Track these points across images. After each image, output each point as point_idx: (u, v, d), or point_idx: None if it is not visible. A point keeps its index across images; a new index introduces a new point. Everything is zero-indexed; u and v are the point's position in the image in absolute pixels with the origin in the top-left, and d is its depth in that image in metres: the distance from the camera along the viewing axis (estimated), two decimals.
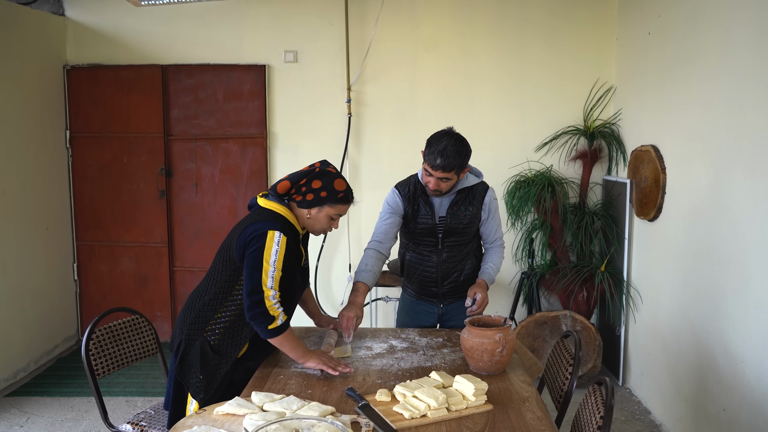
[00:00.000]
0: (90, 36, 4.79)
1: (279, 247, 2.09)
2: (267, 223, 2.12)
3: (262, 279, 2.09)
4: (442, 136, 2.50)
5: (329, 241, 4.81)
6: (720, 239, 2.99)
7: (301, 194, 2.21)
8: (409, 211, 2.64)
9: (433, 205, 2.63)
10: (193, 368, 2.20)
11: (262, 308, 2.09)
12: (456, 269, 2.72)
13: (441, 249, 2.67)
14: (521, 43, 4.59)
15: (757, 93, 2.68)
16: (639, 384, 4.01)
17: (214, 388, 2.20)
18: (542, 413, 1.89)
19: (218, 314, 2.20)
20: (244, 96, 4.76)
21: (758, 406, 2.65)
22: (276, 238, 2.10)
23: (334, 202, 2.22)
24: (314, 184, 2.21)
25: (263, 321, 2.10)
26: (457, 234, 2.66)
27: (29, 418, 3.72)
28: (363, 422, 1.77)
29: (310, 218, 2.24)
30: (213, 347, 2.19)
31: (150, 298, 4.97)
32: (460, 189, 2.62)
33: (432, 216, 2.62)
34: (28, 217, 4.40)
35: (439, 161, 2.44)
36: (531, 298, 4.42)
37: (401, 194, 2.66)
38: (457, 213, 2.62)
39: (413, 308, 2.84)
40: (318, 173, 2.23)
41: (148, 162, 4.85)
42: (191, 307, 2.26)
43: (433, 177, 2.49)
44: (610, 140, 4.42)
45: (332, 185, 2.22)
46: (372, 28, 4.62)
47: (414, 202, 2.63)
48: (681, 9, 3.44)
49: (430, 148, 2.48)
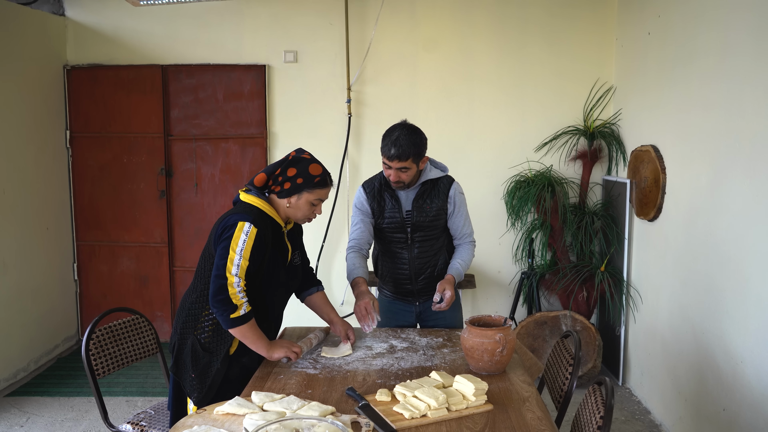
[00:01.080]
0: (90, 36, 4.79)
1: (247, 237, 2.10)
2: (239, 215, 2.13)
3: (227, 266, 2.09)
4: (395, 127, 2.57)
5: (329, 241, 4.81)
6: (720, 239, 2.99)
7: (278, 184, 2.22)
8: (375, 206, 2.69)
9: (399, 198, 2.67)
10: (186, 367, 2.21)
11: (225, 294, 2.09)
12: (429, 264, 2.74)
13: (411, 244, 2.70)
14: (521, 43, 4.59)
15: (757, 93, 2.68)
16: (639, 384, 4.01)
17: (207, 386, 2.20)
18: (542, 413, 1.89)
19: (206, 311, 2.21)
20: (244, 96, 4.76)
21: (758, 406, 2.65)
22: (245, 229, 2.10)
23: (312, 186, 2.23)
24: (289, 172, 2.22)
25: (225, 309, 2.09)
26: (425, 228, 2.68)
27: (29, 418, 3.72)
28: (363, 422, 1.77)
29: (290, 207, 2.24)
30: (203, 345, 2.20)
31: (150, 298, 4.97)
32: (423, 182, 2.66)
33: (399, 209, 2.66)
34: (28, 217, 4.40)
35: (393, 151, 2.50)
36: (531, 298, 4.42)
37: (366, 191, 2.72)
38: (423, 206, 2.65)
39: (390, 308, 2.86)
40: (291, 160, 2.24)
41: (148, 162, 4.85)
42: (183, 306, 2.28)
43: (392, 169, 2.56)
44: (610, 140, 4.42)
45: (307, 170, 2.23)
46: (372, 28, 4.62)
47: (380, 197, 2.68)
48: (681, 9, 3.44)
49: (384, 141, 2.56)
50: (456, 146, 4.65)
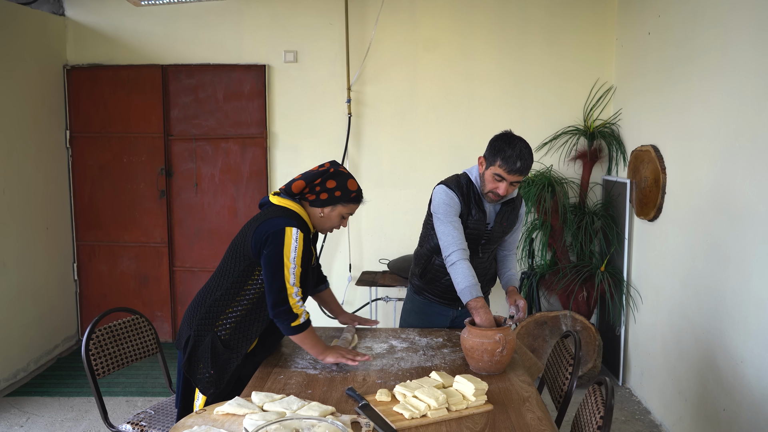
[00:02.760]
0: (90, 36, 4.79)
1: (297, 244, 2.13)
2: (283, 219, 2.15)
3: (285, 276, 2.12)
4: (513, 138, 2.40)
5: (329, 241, 4.81)
6: (720, 239, 2.99)
7: (314, 193, 2.26)
8: (464, 212, 2.52)
9: (485, 211, 2.55)
10: (202, 363, 2.21)
11: (287, 306, 2.13)
12: (482, 274, 2.66)
13: (479, 256, 2.61)
14: (521, 43, 4.59)
15: (757, 93, 2.68)
16: (639, 384, 4.01)
17: (224, 382, 2.22)
18: (542, 413, 1.89)
19: (229, 309, 2.22)
20: (244, 96, 4.76)
21: (758, 406, 2.65)
22: (294, 235, 2.13)
23: (347, 201, 2.28)
24: (329, 184, 2.26)
25: (287, 318, 2.14)
26: (495, 242, 2.64)
27: (29, 418, 3.72)
28: (363, 422, 1.77)
29: (323, 217, 2.28)
30: (224, 342, 2.21)
31: (150, 298, 4.97)
32: (508, 199, 2.58)
33: (482, 222, 2.54)
34: (28, 217, 4.40)
35: (519, 165, 2.36)
36: (531, 298, 4.42)
37: (457, 194, 2.50)
38: (501, 222, 2.58)
39: (425, 310, 2.77)
40: (333, 173, 2.28)
41: (148, 162, 4.85)
42: (201, 303, 2.27)
43: (505, 182, 2.41)
44: (610, 140, 4.42)
45: (346, 185, 2.27)
46: (372, 28, 4.62)
47: (468, 203, 2.51)
48: (681, 9, 3.44)
49: (505, 153, 2.37)
50: (456, 146, 4.65)
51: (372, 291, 4.54)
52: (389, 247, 4.78)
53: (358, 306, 4.81)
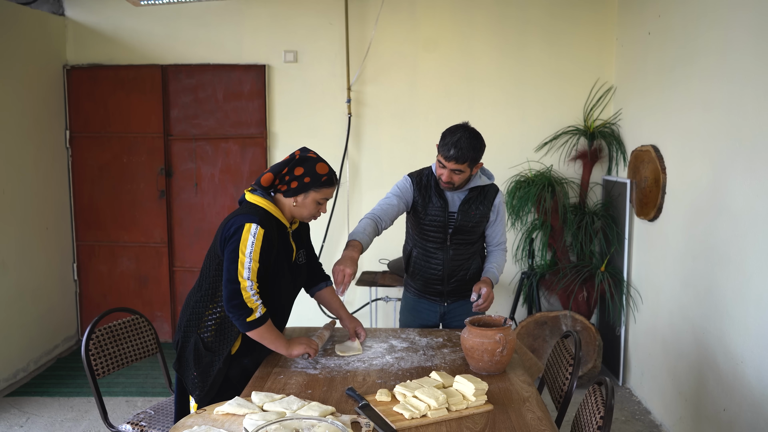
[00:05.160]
0: (90, 36, 4.79)
1: (255, 239, 2.10)
2: (245, 216, 2.13)
3: (238, 270, 2.09)
4: (457, 128, 2.52)
5: (329, 240, 4.81)
6: (720, 239, 2.99)
7: (285, 183, 2.22)
8: (419, 201, 2.64)
9: (446, 199, 2.64)
10: (189, 366, 2.22)
11: (239, 299, 2.10)
12: (462, 267, 2.73)
13: (448, 246, 2.68)
14: (521, 43, 4.59)
15: (757, 93, 2.68)
16: (639, 384, 4.01)
17: (209, 385, 2.21)
18: (542, 413, 1.89)
19: (209, 311, 2.22)
20: (244, 96, 4.76)
21: (758, 406, 2.65)
22: (252, 230, 2.10)
23: (319, 186, 2.22)
24: (296, 171, 2.21)
25: (241, 313, 2.10)
26: (466, 233, 2.67)
27: (29, 418, 3.72)
28: (363, 422, 1.77)
29: (297, 205, 2.24)
30: (206, 344, 2.21)
31: (150, 298, 4.97)
32: (472, 187, 2.64)
33: (444, 210, 2.63)
34: (28, 217, 4.40)
35: (452, 152, 2.46)
36: (531, 298, 4.42)
37: (413, 182, 2.66)
38: (468, 211, 2.64)
39: (415, 306, 2.85)
40: (299, 160, 2.23)
41: (148, 162, 4.85)
42: (187, 305, 2.29)
43: (446, 169, 2.51)
44: (610, 140, 4.42)
45: (314, 169, 2.22)
46: (372, 28, 4.62)
47: (426, 193, 2.64)
48: (681, 9, 3.44)
49: (444, 140, 2.50)
50: None
51: (372, 291, 4.54)
52: (389, 247, 4.77)
53: (357, 306, 4.81)
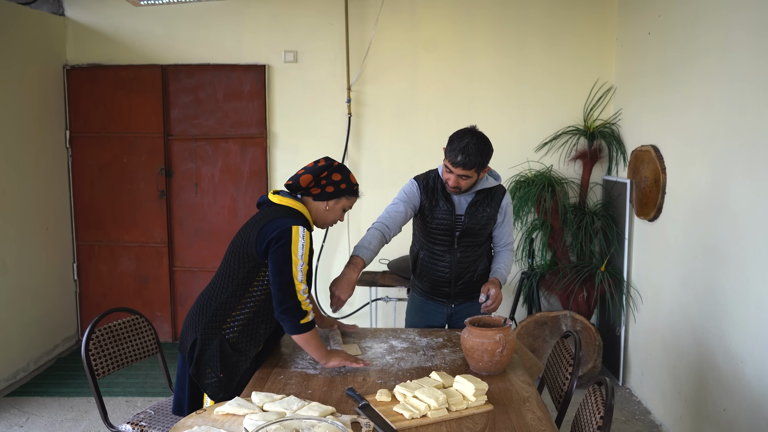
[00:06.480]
0: (90, 36, 4.79)
1: (305, 241, 2.13)
2: (289, 218, 2.15)
3: (293, 272, 2.10)
4: (465, 133, 2.49)
5: (329, 241, 4.81)
6: (720, 239, 2.99)
7: (320, 187, 2.26)
8: (426, 204, 2.64)
9: (453, 202, 2.63)
10: (211, 368, 2.18)
11: (295, 302, 2.11)
12: (469, 269, 2.73)
13: (456, 249, 2.68)
14: (521, 43, 4.59)
15: (757, 93, 2.68)
16: (639, 384, 4.01)
17: (234, 385, 2.20)
18: (542, 413, 1.89)
19: (236, 311, 2.20)
20: (244, 96, 4.76)
21: (758, 406, 2.65)
22: (301, 233, 2.12)
23: (351, 194, 2.32)
24: (335, 177, 2.28)
25: (296, 315, 2.11)
26: (473, 235, 2.66)
27: (29, 418, 3.72)
28: (363, 422, 1.77)
29: (328, 210, 2.29)
30: (232, 345, 2.19)
31: (150, 298, 4.97)
32: (479, 190, 2.63)
33: (451, 213, 2.62)
34: (28, 217, 4.40)
35: (459, 158, 2.44)
36: (531, 298, 4.42)
37: (420, 185, 2.66)
38: (475, 213, 2.63)
39: (422, 308, 2.84)
40: (337, 167, 2.30)
41: (148, 162, 4.85)
42: (206, 306, 2.23)
43: (453, 174, 2.50)
44: (610, 140, 4.42)
45: (349, 178, 2.31)
46: (372, 28, 4.62)
47: (432, 196, 2.64)
48: (681, 9, 3.44)
49: (452, 145, 2.48)
50: None
51: (372, 291, 4.54)
52: (389, 247, 4.72)
53: (357, 306, 4.81)
